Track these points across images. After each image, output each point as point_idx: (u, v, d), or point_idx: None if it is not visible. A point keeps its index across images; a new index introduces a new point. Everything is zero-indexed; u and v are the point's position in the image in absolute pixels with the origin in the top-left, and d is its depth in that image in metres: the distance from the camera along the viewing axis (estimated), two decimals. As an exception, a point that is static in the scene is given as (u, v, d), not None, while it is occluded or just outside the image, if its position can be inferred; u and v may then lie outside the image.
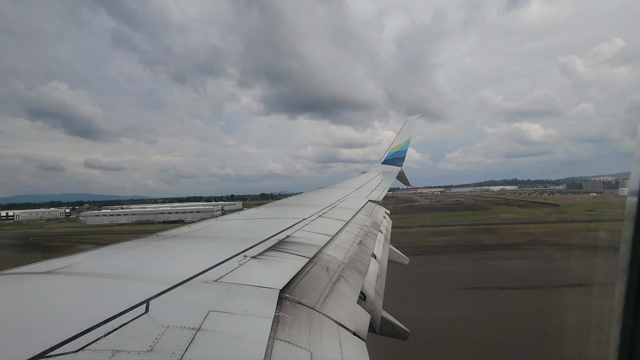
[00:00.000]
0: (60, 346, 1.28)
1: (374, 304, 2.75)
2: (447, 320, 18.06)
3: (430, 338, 14.88)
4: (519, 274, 27.00)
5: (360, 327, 2.20)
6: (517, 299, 21.50)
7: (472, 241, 41.23)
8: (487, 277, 26.33)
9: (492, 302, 21.18)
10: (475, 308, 19.96)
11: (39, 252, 44.31)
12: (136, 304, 1.67)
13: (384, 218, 6.37)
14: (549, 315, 17.33)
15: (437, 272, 27.91)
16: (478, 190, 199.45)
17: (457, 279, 25.62)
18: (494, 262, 30.85)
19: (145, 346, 1.34)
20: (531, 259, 31.39)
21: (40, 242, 54.48)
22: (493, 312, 19.31)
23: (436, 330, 16.10)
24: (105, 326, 1.45)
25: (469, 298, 21.87)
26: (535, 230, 45.90)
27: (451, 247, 38.88)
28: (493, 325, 17.43)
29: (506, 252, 35.03)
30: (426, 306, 19.55)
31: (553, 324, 15.96)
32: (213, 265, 2.39)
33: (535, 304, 19.94)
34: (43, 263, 2.47)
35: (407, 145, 13.78)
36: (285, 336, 1.66)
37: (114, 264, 2.54)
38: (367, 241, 4.23)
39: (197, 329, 1.51)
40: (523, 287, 23.29)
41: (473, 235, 45.09)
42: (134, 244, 3.18)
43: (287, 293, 2.14)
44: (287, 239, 3.36)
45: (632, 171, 1.67)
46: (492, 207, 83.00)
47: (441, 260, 32.39)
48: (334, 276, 2.71)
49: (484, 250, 36.43)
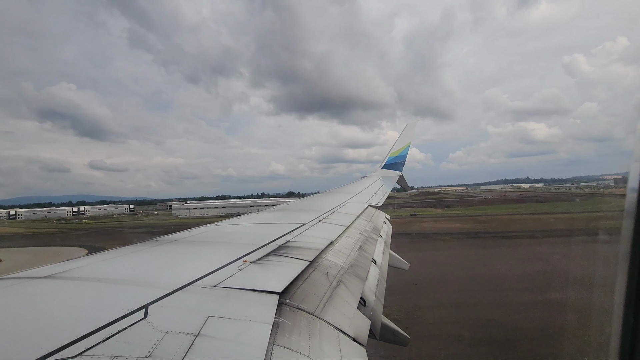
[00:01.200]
0: (59, 351, 1.27)
1: (374, 309, 2.74)
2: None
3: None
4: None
5: (360, 333, 2.19)
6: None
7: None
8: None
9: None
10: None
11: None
12: (135, 309, 1.66)
13: (384, 223, 6.36)
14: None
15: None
16: (509, 187, 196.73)
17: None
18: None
19: (144, 352, 1.33)
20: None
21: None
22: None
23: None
24: (104, 331, 1.44)
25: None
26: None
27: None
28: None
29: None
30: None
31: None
32: (212, 270, 2.39)
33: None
34: (43, 268, 2.46)
35: (407, 150, 13.81)
36: (285, 342, 1.65)
37: (113, 269, 2.53)
38: (367, 246, 4.22)
39: (196, 334, 1.50)
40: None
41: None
42: (133, 248, 3.18)
43: (287, 298, 2.13)
44: (287, 244, 3.35)
45: (630, 170, 1.68)
46: (573, 199, 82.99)
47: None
48: (334, 281, 2.70)
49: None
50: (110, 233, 69.25)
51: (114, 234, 66.16)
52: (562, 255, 27.67)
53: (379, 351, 10.93)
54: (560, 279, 20.64)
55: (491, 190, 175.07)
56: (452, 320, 17.32)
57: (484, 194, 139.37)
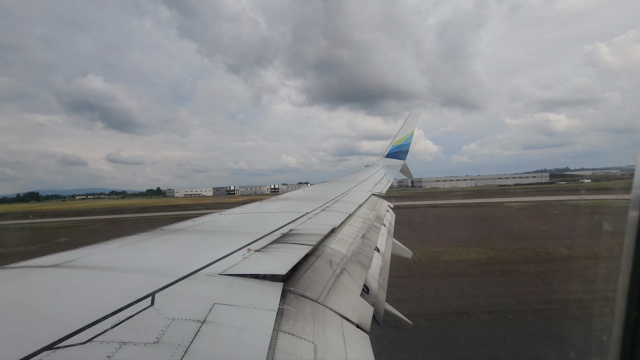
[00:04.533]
0: (69, 338, 1.30)
1: (377, 297, 2.77)
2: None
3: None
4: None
5: (364, 319, 2.21)
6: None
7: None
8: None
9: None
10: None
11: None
12: (142, 297, 1.69)
13: (387, 211, 6.37)
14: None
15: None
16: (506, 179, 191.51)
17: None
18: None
19: (151, 338, 1.36)
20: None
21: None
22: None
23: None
24: (112, 318, 1.47)
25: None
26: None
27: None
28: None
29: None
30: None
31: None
32: (217, 258, 2.41)
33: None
34: (51, 256, 2.50)
35: (411, 139, 13.71)
36: (289, 328, 1.68)
37: (120, 258, 2.57)
38: (370, 235, 4.24)
39: (202, 321, 1.53)
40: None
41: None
42: (139, 237, 3.22)
43: (291, 286, 2.15)
44: (291, 232, 3.37)
45: (637, 164, 1.64)
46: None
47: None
48: (337, 269, 2.72)
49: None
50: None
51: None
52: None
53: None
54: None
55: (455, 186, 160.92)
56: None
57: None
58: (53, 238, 34.94)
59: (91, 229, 43.06)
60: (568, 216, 38.44)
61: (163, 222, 4.23)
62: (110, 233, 37.84)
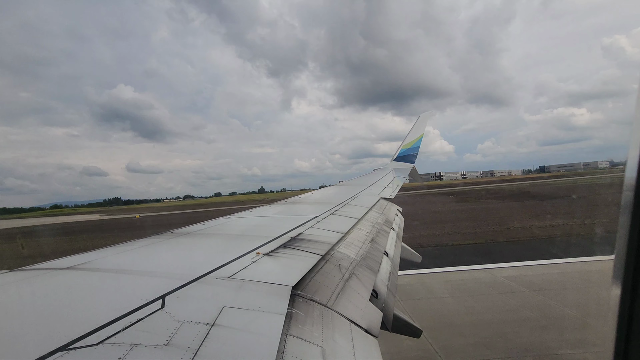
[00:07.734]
0: (82, 339, 1.32)
1: (386, 301, 2.74)
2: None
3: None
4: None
5: (373, 324, 2.19)
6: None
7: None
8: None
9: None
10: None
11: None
12: (152, 300, 1.71)
13: (397, 215, 6.31)
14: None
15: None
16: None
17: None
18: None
19: (161, 340, 1.37)
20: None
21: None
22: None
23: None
24: (124, 320, 1.49)
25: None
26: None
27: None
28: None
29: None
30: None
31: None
32: (227, 262, 2.43)
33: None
34: (65, 259, 2.56)
35: (420, 142, 13.61)
36: (298, 332, 1.67)
37: (131, 261, 2.61)
38: (379, 239, 4.21)
39: (212, 324, 1.54)
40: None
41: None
42: (149, 241, 3.26)
43: (300, 290, 2.15)
44: (299, 237, 3.37)
45: (628, 159, 1.57)
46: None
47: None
48: (346, 273, 2.71)
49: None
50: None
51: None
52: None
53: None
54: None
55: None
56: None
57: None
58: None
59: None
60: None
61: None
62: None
